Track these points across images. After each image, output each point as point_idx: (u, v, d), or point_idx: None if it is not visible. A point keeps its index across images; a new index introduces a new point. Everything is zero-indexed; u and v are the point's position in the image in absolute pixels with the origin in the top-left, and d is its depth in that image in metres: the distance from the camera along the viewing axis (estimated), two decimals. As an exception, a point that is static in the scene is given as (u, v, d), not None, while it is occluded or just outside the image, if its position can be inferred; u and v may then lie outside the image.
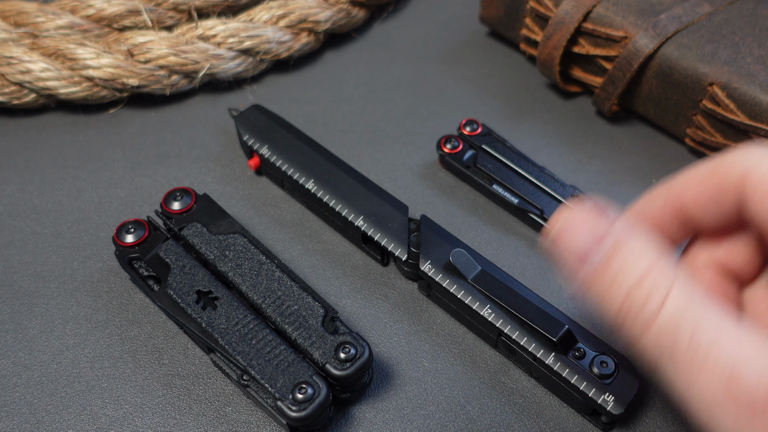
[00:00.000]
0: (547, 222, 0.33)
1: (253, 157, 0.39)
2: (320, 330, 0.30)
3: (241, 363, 0.29)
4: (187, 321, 0.31)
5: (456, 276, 0.32)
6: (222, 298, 0.31)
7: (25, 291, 0.35)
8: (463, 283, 0.32)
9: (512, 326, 0.31)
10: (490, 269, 0.33)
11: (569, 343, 0.30)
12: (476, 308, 0.31)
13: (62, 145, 0.42)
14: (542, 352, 0.30)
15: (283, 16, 0.44)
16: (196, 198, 0.35)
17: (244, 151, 0.40)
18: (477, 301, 0.31)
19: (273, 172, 0.39)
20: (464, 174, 0.39)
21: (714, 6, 0.40)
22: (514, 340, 0.31)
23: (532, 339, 0.30)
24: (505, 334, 0.31)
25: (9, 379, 0.32)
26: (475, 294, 0.32)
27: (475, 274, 0.32)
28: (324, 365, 0.29)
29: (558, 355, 0.30)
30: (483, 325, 0.32)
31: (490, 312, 0.31)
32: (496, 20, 0.46)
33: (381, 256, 0.36)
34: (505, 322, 0.31)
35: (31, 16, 0.43)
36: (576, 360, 0.30)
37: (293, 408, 0.28)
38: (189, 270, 0.32)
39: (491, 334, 0.32)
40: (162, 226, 0.35)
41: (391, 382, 0.32)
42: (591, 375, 0.29)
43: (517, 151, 0.39)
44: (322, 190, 0.36)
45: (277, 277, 0.32)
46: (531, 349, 0.30)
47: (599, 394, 0.29)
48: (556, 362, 0.30)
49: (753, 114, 0.36)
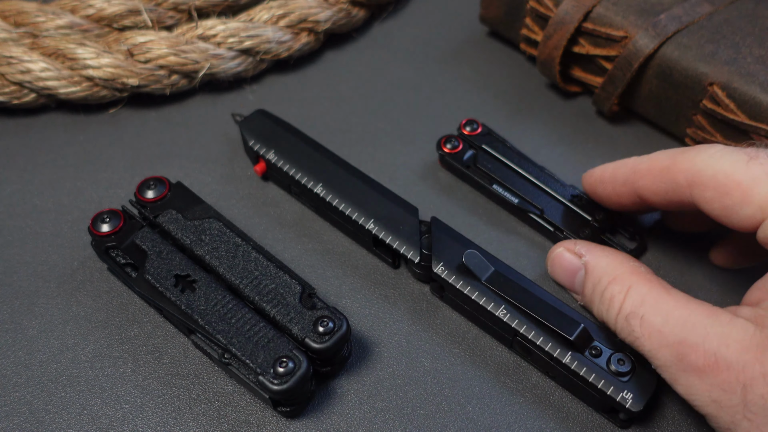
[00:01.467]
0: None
1: (259, 162, 0.39)
2: (298, 306, 0.31)
3: (221, 342, 0.30)
4: (166, 304, 0.31)
5: (469, 277, 0.32)
6: (200, 280, 0.32)
7: (25, 291, 0.35)
8: (477, 284, 0.32)
9: (528, 326, 0.31)
10: (503, 269, 0.33)
11: (586, 342, 0.30)
12: (491, 309, 0.31)
13: (62, 145, 0.42)
14: (559, 351, 0.30)
15: (283, 16, 0.44)
16: (170, 186, 0.35)
17: (250, 156, 0.40)
18: (491, 302, 0.32)
19: (280, 177, 0.38)
20: (464, 174, 0.39)
21: (714, 6, 0.40)
22: (530, 340, 0.31)
23: (549, 338, 0.30)
24: (520, 334, 0.31)
25: (9, 379, 0.32)
26: (489, 295, 0.32)
27: (488, 274, 0.32)
28: (303, 339, 0.30)
29: (575, 353, 0.30)
30: (498, 326, 0.32)
31: (505, 312, 0.31)
32: (496, 20, 0.46)
33: (392, 259, 0.36)
34: (520, 322, 0.31)
35: (31, 15, 0.43)
36: (593, 358, 0.30)
37: (275, 382, 0.28)
38: (166, 255, 0.32)
39: (506, 335, 0.32)
40: (137, 214, 0.35)
41: (392, 382, 0.32)
42: (608, 373, 0.29)
43: (517, 151, 0.39)
44: (331, 193, 0.36)
45: (253, 258, 0.32)
46: (548, 349, 0.30)
47: (618, 391, 0.29)
48: (573, 361, 0.30)
49: (753, 114, 0.36)
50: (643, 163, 0.30)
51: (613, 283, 0.29)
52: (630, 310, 0.28)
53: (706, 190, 0.27)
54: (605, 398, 0.29)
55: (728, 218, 0.27)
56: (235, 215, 0.38)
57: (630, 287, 0.28)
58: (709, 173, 0.27)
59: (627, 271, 0.29)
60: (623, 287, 0.28)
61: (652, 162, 0.30)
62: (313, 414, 0.31)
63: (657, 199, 0.30)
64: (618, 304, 0.28)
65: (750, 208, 0.26)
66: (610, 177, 0.32)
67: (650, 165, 0.30)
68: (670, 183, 0.29)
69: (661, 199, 0.30)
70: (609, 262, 0.30)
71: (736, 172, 0.26)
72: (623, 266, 0.30)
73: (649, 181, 0.30)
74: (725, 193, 0.27)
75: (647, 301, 0.27)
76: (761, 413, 0.24)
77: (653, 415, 0.31)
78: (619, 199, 0.32)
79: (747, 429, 0.25)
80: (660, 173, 0.29)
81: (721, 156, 0.27)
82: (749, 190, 0.26)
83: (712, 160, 0.27)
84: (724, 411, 0.25)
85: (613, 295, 0.29)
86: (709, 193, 0.27)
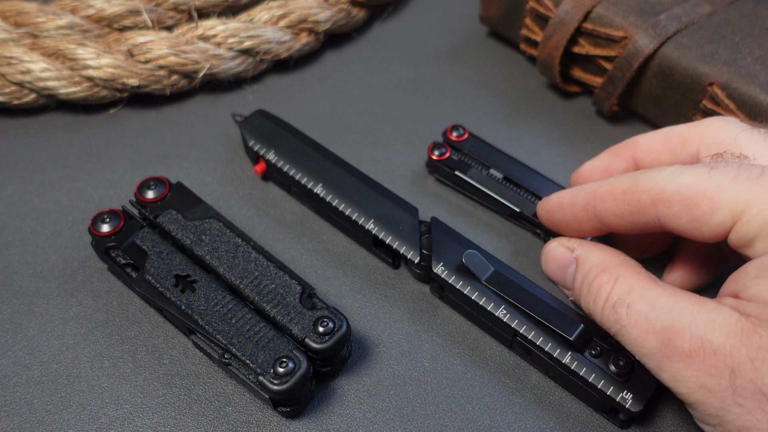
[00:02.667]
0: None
1: (259, 162, 0.39)
2: (298, 306, 0.31)
3: (221, 342, 0.30)
4: (166, 305, 0.31)
5: (469, 277, 0.32)
6: (200, 280, 0.32)
7: (25, 291, 0.35)
8: (477, 284, 0.32)
9: (528, 326, 0.31)
10: (503, 270, 0.33)
11: (586, 342, 0.30)
12: (491, 309, 0.31)
13: (62, 145, 0.42)
14: (559, 351, 0.30)
15: (283, 16, 0.44)
16: (170, 186, 0.35)
17: (250, 156, 0.40)
18: (491, 302, 0.32)
19: (280, 177, 0.38)
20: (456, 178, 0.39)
21: (714, 6, 0.40)
22: (530, 340, 0.31)
23: (549, 338, 0.30)
24: (520, 334, 0.31)
25: (9, 379, 0.32)
26: (489, 295, 0.32)
27: (488, 275, 0.32)
28: (303, 339, 0.30)
29: (575, 353, 0.30)
30: (498, 326, 0.32)
31: (504, 313, 0.31)
32: (496, 20, 0.46)
33: (392, 259, 0.36)
34: (520, 322, 0.31)
35: (32, 16, 0.43)
36: (593, 358, 0.30)
37: (275, 382, 0.28)
38: (166, 255, 0.33)
39: (506, 335, 0.32)
40: (137, 215, 0.35)
41: (392, 382, 0.32)
42: (608, 373, 0.29)
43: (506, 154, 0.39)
44: (331, 194, 0.36)
45: (253, 258, 0.32)
46: (547, 349, 0.30)
47: (617, 391, 0.29)
48: (573, 361, 0.30)
49: (753, 114, 0.36)
50: (602, 187, 0.30)
51: (602, 273, 0.29)
52: (617, 298, 0.28)
53: (672, 206, 0.27)
54: (605, 398, 0.29)
55: (698, 230, 0.27)
56: (235, 215, 0.38)
57: (618, 277, 0.28)
58: (673, 188, 0.27)
59: (616, 263, 0.29)
60: (611, 277, 0.28)
61: (612, 185, 0.29)
62: (313, 414, 0.31)
63: (620, 222, 0.29)
64: (605, 294, 0.28)
65: (720, 214, 0.26)
66: (569, 202, 0.31)
67: (611, 188, 0.29)
68: (634, 204, 0.28)
69: (624, 222, 0.29)
70: (600, 255, 0.30)
71: (700, 182, 0.26)
72: (613, 258, 0.30)
73: (611, 204, 0.29)
74: (692, 204, 0.26)
75: (635, 290, 0.27)
76: (751, 398, 0.24)
77: (653, 415, 0.31)
78: (579, 225, 0.31)
79: (737, 414, 0.24)
80: (622, 195, 0.29)
81: (682, 171, 0.27)
82: (716, 196, 0.26)
83: (673, 176, 0.27)
84: (712, 396, 0.25)
85: (601, 285, 0.29)
86: (675, 208, 0.27)
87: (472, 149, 0.39)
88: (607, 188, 0.30)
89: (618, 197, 0.29)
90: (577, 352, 0.30)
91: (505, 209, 0.37)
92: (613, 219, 0.30)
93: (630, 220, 0.29)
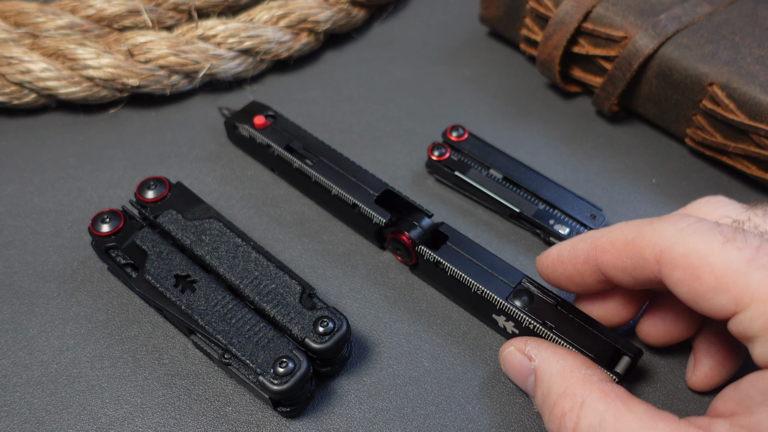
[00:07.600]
0: None
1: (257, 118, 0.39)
2: (298, 306, 0.31)
3: (221, 342, 0.30)
4: (166, 305, 0.31)
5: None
6: (200, 280, 0.32)
7: (25, 291, 0.35)
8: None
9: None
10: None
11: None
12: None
13: (62, 145, 0.42)
14: None
15: (283, 16, 0.44)
16: (170, 186, 0.35)
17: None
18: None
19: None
20: (456, 178, 0.39)
21: (714, 6, 0.40)
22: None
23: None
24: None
25: (9, 379, 0.32)
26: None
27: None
28: (303, 339, 0.30)
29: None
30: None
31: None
32: (496, 20, 0.46)
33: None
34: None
35: (32, 16, 0.43)
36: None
37: (275, 382, 0.28)
38: (166, 255, 0.33)
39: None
40: (137, 215, 0.35)
41: (392, 382, 0.32)
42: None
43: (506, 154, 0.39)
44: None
45: (253, 258, 0.32)
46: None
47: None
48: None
49: (753, 114, 0.36)
50: (604, 236, 0.27)
51: (564, 397, 0.26)
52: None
53: (675, 270, 0.24)
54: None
55: (697, 304, 0.24)
56: (235, 215, 0.38)
57: (583, 403, 0.25)
58: (680, 251, 0.24)
59: (578, 381, 0.26)
60: (575, 403, 0.26)
61: (614, 235, 0.27)
62: (313, 414, 0.31)
63: (623, 277, 0.27)
64: (572, 425, 0.25)
65: (723, 297, 0.23)
66: (569, 255, 0.29)
67: (613, 238, 0.27)
68: (637, 258, 0.26)
69: (627, 276, 0.27)
70: (559, 370, 0.27)
71: (710, 254, 0.23)
72: (573, 375, 0.27)
73: (612, 256, 0.27)
74: (696, 277, 0.24)
75: (606, 421, 0.24)
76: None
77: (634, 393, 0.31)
78: (582, 279, 0.29)
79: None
80: (624, 247, 0.26)
81: (693, 232, 0.24)
82: (723, 277, 0.23)
83: (683, 236, 0.24)
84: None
85: (564, 413, 0.26)
86: (678, 273, 0.24)
87: (472, 149, 0.39)
88: (608, 238, 0.27)
89: (620, 249, 0.26)
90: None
91: (504, 209, 0.37)
92: (616, 273, 0.27)
93: (633, 276, 0.26)
